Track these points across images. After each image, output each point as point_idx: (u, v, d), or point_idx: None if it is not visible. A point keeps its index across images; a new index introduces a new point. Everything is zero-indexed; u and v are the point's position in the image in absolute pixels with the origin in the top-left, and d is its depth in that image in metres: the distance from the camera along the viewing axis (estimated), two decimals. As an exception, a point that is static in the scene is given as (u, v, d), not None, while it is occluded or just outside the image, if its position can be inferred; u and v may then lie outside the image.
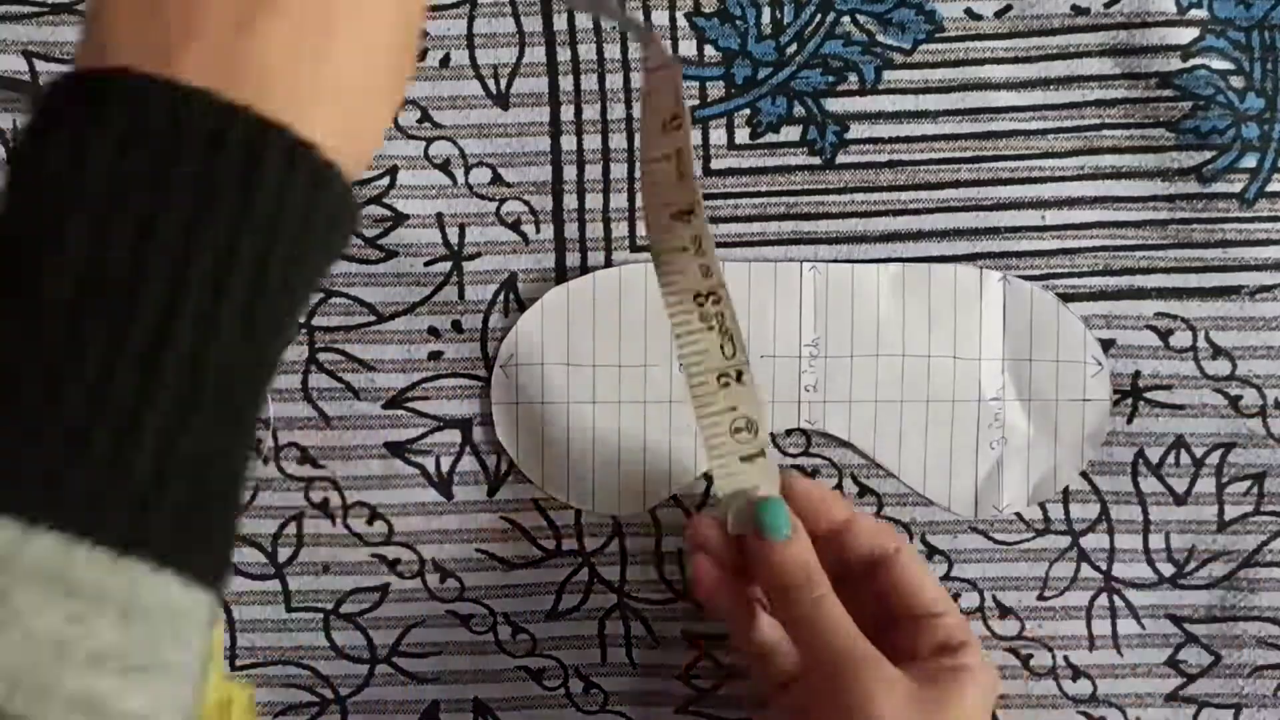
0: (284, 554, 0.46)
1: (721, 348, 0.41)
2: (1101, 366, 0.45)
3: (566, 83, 0.46)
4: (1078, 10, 0.46)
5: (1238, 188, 0.46)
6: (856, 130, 0.46)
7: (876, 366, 0.46)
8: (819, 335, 0.45)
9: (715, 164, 0.46)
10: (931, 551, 0.46)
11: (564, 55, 0.46)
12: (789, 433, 0.46)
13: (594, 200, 0.46)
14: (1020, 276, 0.46)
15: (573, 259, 0.46)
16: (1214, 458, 0.46)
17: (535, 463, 0.46)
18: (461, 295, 0.46)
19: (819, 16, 0.46)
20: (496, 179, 0.46)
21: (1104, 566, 0.46)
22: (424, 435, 0.46)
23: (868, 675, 0.38)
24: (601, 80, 0.46)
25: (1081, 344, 0.45)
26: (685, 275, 0.40)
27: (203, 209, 0.25)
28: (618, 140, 0.46)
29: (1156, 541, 0.46)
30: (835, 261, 0.46)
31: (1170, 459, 0.46)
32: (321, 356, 0.46)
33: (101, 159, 0.25)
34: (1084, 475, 0.46)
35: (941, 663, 0.39)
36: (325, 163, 0.26)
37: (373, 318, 0.46)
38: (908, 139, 0.46)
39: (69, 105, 0.26)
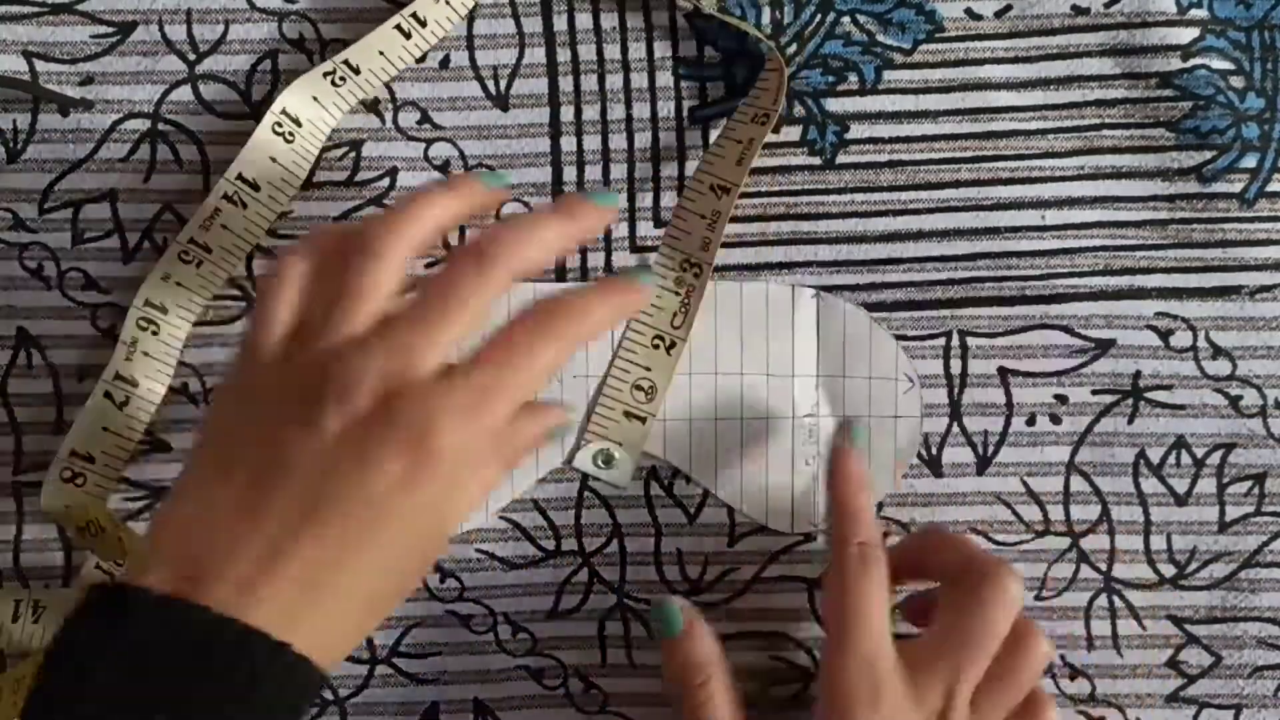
0: (284, 554, 0.46)
1: (674, 315, 0.44)
2: (913, 384, 0.45)
3: (566, 84, 0.46)
4: (1078, 10, 0.46)
5: (1238, 188, 0.46)
6: (856, 130, 0.46)
7: (689, 385, 0.45)
8: None
9: (715, 164, 0.46)
10: (931, 552, 0.46)
11: (564, 56, 0.46)
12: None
13: (594, 201, 0.46)
14: (1020, 276, 0.46)
15: (572, 260, 0.46)
16: (1215, 458, 0.46)
17: None
18: (462, 296, 0.46)
19: (819, 16, 0.46)
20: (496, 179, 0.46)
21: (1104, 567, 0.46)
22: (424, 435, 0.46)
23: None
24: (601, 81, 0.46)
25: (894, 361, 0.45)
26: (689, 238, 0.44)
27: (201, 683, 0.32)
28: (618, 141, 0.46)
29: (1158, 542, 0.46)
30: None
31: (1171, 459, 0.46)
32: (322, 357, 0.46)
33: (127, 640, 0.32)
34: (1085, 476, 0.46)
35: None
36: (298, 657, 0.33)
37: (373, 318, 0.46)
38: (908, 139, 0.46)
39: (107, 600, 0.33)
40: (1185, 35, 0.45)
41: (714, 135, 0.46)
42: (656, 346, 0.45)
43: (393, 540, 0.34)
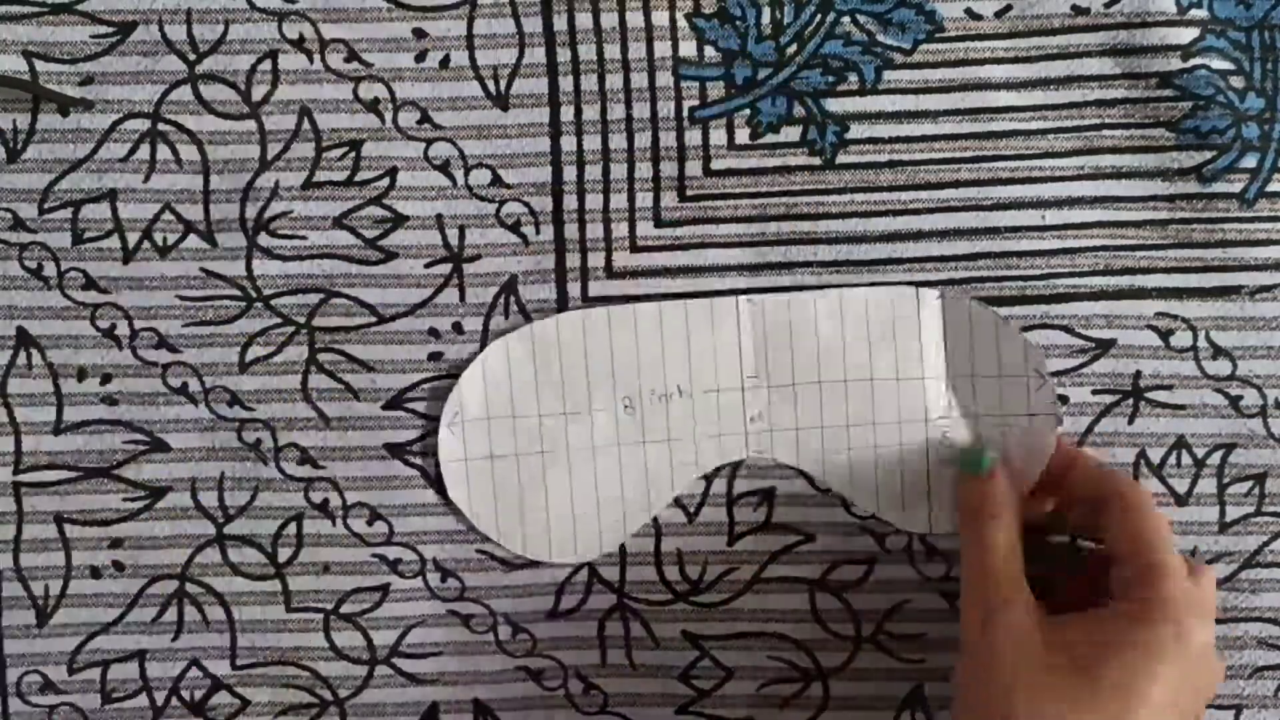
0: (284, 554, 0.46)
1: None
2: (1045, 380, 0.45)
3: (566, 83, 0.46)
4: (1078, 10, 0.45)
5: (1238, 188, 0.46)
6: (856, 130, 0.46)
7: (820, 393, 0.45)
8: (760, 366, 0.45)
9: (715, 164, 0.46)
10: (931, 552, 0.46)
11: (564, 56, 0.46)
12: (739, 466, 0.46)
13: (594, 201, 0.46)
14: (1020, 276, 0.46)
15: (573, 260, 0.46)
16: (1215, 458, 0.46)
17: (490, 518, 0.46)
18: (462, 297, 0.46)
19: (819, 16, 0.46)
20: (496, 180, 0.46)
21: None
22: (423, 436, 0.46)
23: (991, 596, 0.40)
24: (601, 81, 0.46)
25: (1023, 358, 0.45)
26: None
27: None
28: (618, 140, 0.46)
29: (1158, 542, 0.46)
30: (773, 290, 0.46)
31: (1171, 459, 0.46)
32: (321, 357, 0.46)
33: None
34: (1085, 476, 0.46)
35: (1115, 605, 0.40)
36: None
37: (373, 319, 0.46)
38: (908, 139, 0.46)
39: None
40: (1185, 35, 0.45)
41: (714, 135, 0.46)
42: None
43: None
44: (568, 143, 0.46)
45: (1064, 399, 0.46)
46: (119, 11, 0.46)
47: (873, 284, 0.46)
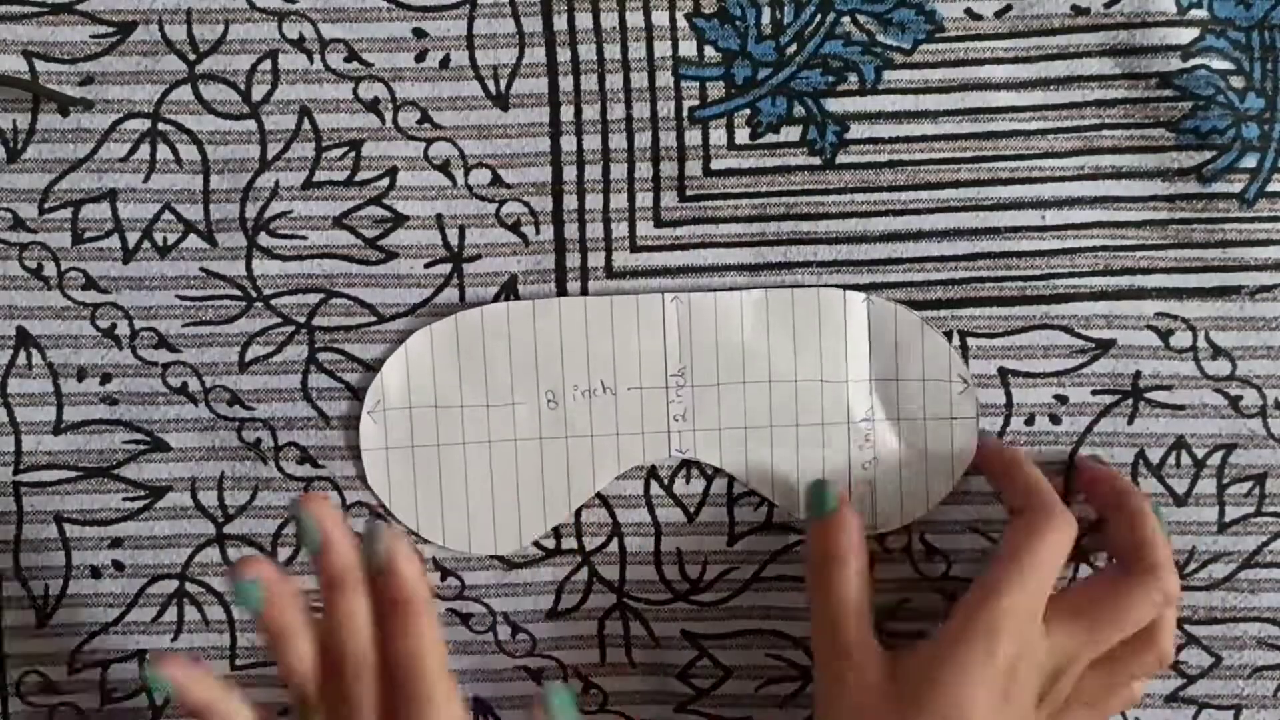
0: (284, 554, 0.46)
1: None
2: (967, 384, 0.45)
3: (566, 83, 0.46)
4: (1078, 10, 0.45)
5: (1238, 188, 0.46)
6: (856, 130, 0.46)
7: (744, 393, 0.45)
8: (685, 365, 0.46)
9: (715, 164, 0.46)
10: (931, 551, 0.46)
11: (564, 56, 0.46)
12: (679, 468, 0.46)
13: (594, 200, 0.46)
14: (1020, 276, 0.46)
15: (573, 260, 0.46)
16: (1215, 459, 0.46)
17: (409, 507, 0.46)
18: (462, 297, 0.46)
19: (819, 16, 0.46)
20: (496, 180, 0.46)
21: (1102, 566, 0.46)
22: (424, 435, 0.46)
23: (840, 662, 0.42)
24: (601, 80, 0.46)
25: (947, 362, 0.45)
26: None
27: None
28: (618, 140, 0.46)
29: (1158, 542, 0.46)
30: (697, 290, 0.46)
31: (1171, 460, 0.46)
32: (321, 356, 0.46)
33: None
34: (1085, 476, 0.46)
35: None
36: None
37: (373, 319, 0.46)
38: (908, 139, 0.46)
39: None
40: (1185, 35, 0.45)
41: (714, 135, 0.46)
42: None
43: None
44: (568, 143, 0.46)
45: (1063, 399, 0.46)
46: (119, 11, 0.46)
47: (796, 285, 0.46)
